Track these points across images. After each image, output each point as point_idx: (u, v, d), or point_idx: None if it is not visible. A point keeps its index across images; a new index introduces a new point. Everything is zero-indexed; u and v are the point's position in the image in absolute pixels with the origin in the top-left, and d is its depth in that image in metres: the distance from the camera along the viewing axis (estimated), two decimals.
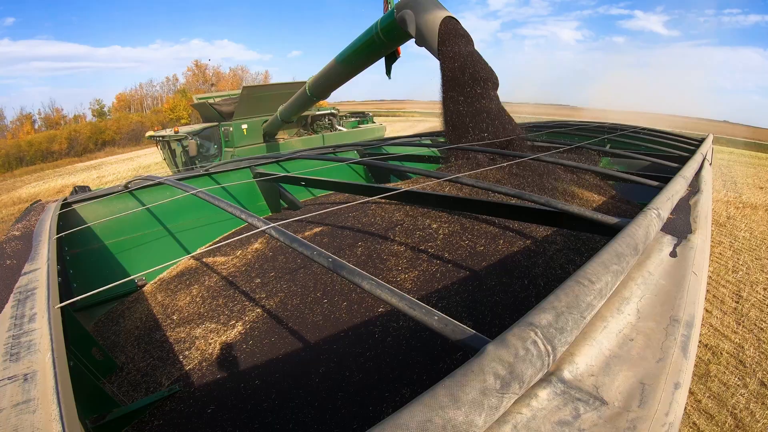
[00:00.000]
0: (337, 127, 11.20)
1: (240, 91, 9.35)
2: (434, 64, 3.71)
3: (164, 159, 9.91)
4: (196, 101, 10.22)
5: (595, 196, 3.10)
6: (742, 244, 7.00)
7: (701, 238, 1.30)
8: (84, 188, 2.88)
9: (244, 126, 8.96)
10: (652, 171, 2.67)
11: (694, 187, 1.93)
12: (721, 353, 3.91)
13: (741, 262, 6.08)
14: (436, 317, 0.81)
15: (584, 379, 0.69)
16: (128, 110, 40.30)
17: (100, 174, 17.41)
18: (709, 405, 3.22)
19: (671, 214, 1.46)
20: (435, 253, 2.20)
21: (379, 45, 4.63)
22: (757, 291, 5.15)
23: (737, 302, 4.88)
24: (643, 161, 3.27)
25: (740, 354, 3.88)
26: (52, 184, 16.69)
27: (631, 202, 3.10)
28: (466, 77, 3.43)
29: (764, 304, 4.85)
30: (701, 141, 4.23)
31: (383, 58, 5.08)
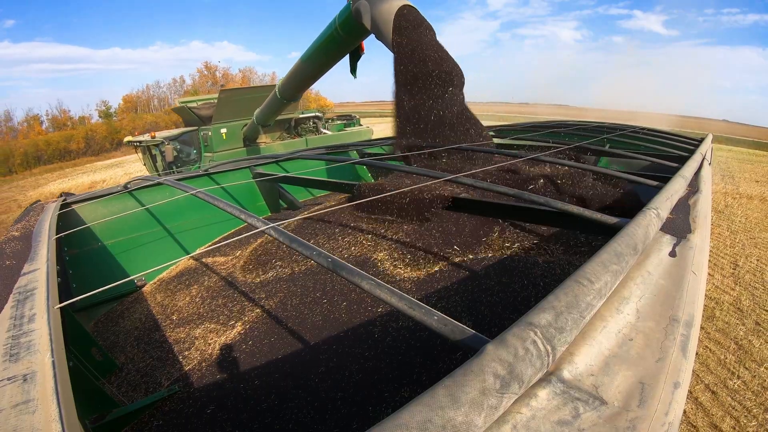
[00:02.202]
0: (322, 130, 11.01)
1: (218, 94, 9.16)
2: None
3: (144, 164, 9.75)
4: (178, 105, 10.03)
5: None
6: (738, 226, 8.05)
7: (700, 238, 1.30)
8: (69, 195, 2.87)
9: (223, 130, 8.78)
10: (651, 171, 2.67)
11: (694, 187, 1.94)
12: (723, 303, 4.90)
13: (737, 240, 7.17)
14: (435, 317, 0.81)
15: (584, 379, 0.69)
16: (135, 111, 40.43)
17: (127, 171, 17.60)
18: (717, 336, 4.26)
19: (671, 213, 1.46)
20: (435, 253, 2.20)
21: (340, 41, 4.37)
22: (751, 261, 6.20)
23: (734, 269, 5.90)
24: (643, 161, 3.27)
25: (738, 303, 4.89)
26: (80, 180, 17.00)
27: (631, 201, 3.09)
28: (426, 72, 3.04)
29: (757, 270, 5.87)
30: (701, 141, 4.23)
31: (349, 55, 4.79)
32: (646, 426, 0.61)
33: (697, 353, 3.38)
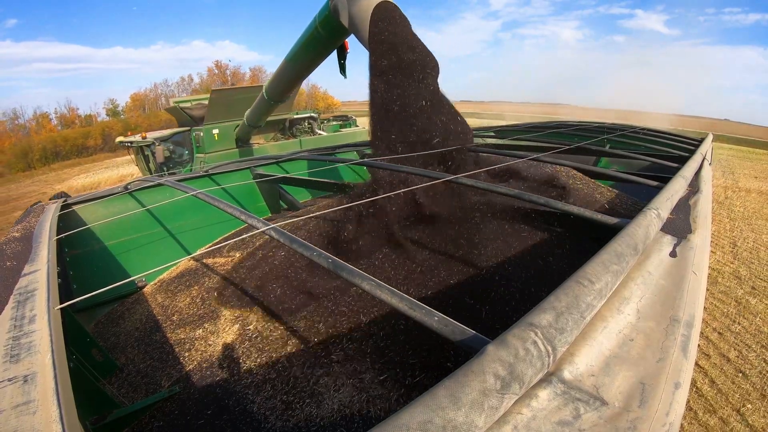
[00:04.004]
0: (317, 131, 10.84)
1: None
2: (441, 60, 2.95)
3: (137, 165, 9.66)
4: (172, 105, 9.91)
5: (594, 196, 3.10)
6: (737, 214, 9.19)
7: (701, 238, 1.30)
8: (63, 195, 2.87)
9: (215, 131, 8.64)
10: (651, 171, 2.67)
11: (694, 187, 1.93)
12: (724, 273, 5.86)
13: (736, 226, 8.30)
14: (436, 318, 0.81)
15: (584, 380, 0.69)
16: (143, 109, 40.64)
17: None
18: (720, 296, 5.16)
19: (671, 213, 1.46)
20: (435, 253, 2.19)
21: (320, 39, 4.15)
22: (748, 242, 7.28)
23: (733, 248, 6.98)
24: (643, 161, 3.27)
25: (737, 273, 5.87)
26: (106, 175, 17.22)
27: (631, 201, 3.09)
28: (402, 66, 2.74)
29: (753, 249, 6.93)
30: (701, 141, 4.23)
31: (336, 55, 4.55)
32: (647, 426, 0.61)
33: (705, 308, 3.60)
